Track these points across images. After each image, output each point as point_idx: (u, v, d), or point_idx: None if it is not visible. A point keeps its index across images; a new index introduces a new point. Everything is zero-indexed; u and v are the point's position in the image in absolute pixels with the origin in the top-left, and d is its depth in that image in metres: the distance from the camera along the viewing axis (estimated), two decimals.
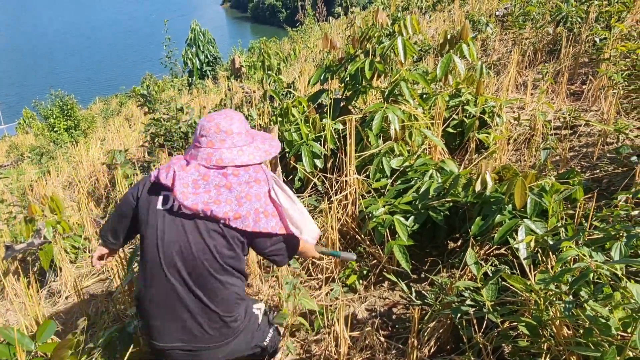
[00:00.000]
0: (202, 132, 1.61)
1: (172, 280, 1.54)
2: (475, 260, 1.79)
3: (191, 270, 1.54)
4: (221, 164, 1.57)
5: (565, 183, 2.32)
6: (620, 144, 3.04)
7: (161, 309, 1.57)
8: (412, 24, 3.10)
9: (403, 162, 2.99)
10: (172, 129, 5.20)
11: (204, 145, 1.60)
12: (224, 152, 1.58)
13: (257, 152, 1.66)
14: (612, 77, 3.25)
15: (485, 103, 3.54)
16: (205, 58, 14.67)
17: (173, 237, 1.54)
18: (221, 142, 1.60)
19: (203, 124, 1.63)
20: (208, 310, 1.57)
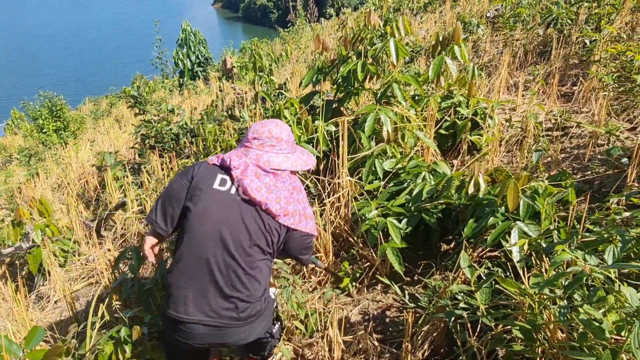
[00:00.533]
0: (255, 134, 1.77)
1: (214, 255, 1.62)
2: (468, 264, 1.78)
3: (234, 250, 1.62)
4: (268, 167, 1.71)
5: (558, 185, 2.33)
6: (611, 146, 3.06)
7: (193, 281, 1.63)
8: (404, 25, 3.09)
9: (396, 164, 2.98)
10: (163, 131, 5.15)
11: (254, 146, 1.76)
12: (272, 156, 1.73)
13: (299, 161, 1.81)
14: (603, 79, 3.27)
15: (477, 105, 3.54)
16: (197, 59, 14.58)
17: (225, 216, 1.64)
18: (271, 147, 1.75)
19: (256, 128, 1.78)
20: (241, 288, 1.64)
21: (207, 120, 4.76)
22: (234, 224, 1.64)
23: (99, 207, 5.05)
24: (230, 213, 1.65)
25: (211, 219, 1.63)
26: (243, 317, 1.66)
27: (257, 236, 1.65)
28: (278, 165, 1.73)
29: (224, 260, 1.62)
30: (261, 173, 1.70)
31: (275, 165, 1.72)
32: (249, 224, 1.64)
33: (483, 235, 2.30)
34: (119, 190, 4.76)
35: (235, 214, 1.65)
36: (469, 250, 2.33)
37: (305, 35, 16.22)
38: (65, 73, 42.44)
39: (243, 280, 1.64)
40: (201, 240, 1.63)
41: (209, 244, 1.62)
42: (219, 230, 1.62)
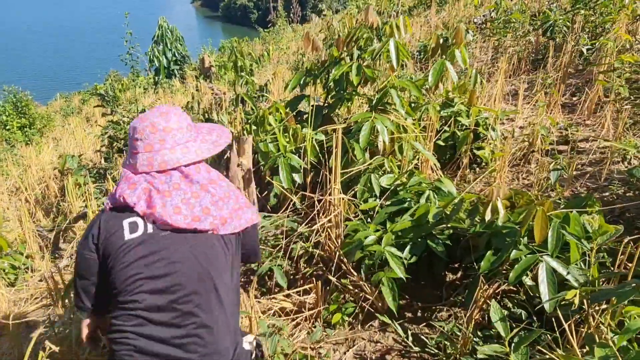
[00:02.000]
0: (136, 135, 1.37)
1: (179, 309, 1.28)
2: (500, 316, 1.45)
3: (192, 292, 1.29)
4: (165, 167, 1.35)
5: (582, 211, 2.04)
6: (628, 163, 2.80)
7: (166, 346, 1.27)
8: (404, 24, 2.77)
9: (394, 180, 2.65)
10: None
11: (140, 150, 1.36)
12: (166, 154, 1.35)
13: (204, 145, 1.44)
14: (618, 90, 3.02)
15: (478, 114, 3.25)
16: (173, 56, 14.00)
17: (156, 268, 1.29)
18: (161, 143, 1.36)
19: (135, 126, 1.38)
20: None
21: None
22: (183, 267, 1.29)
23: (59, 215, 4.57)
24: (172, 256, 1.30)
25: (154, 276, 1.28)
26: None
27: (216, 265, 1.33)
28: (177, 162, 1.35)
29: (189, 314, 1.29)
30: (168, 187, 1.34)
31: (174, 162, 1.35)
32: (185, 260, 1.30)
33: (501, 269, 1.99)
34: (80, 198, 4.30)
35: (167, 254, 1.30)
36: (483, 286, 2.00)
37: (287, 36, 15.87)
38: (38, 68, 40.87)
39: (212, 325, 1.32)
40: (156, 307, 1.27)
41: (170, 303, 1.28)
42: (172, 283, 1.28)
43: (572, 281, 1.73)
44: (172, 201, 1.32)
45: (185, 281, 1.29)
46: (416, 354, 2.03)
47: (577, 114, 3.74)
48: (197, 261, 1.31)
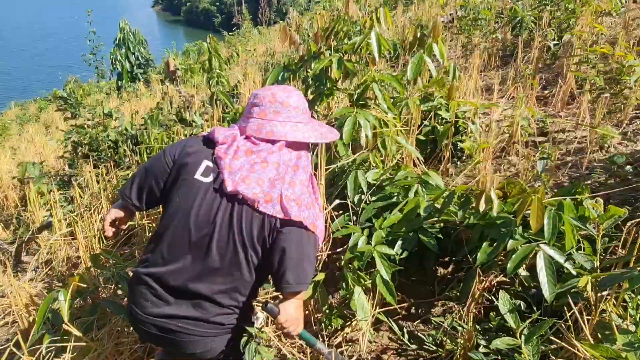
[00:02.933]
0: (256, 100, 1.46)
1: (194, 259, 1.36)
2: (510, 307, 1.40)
3: (216, 252, 1.35)
4: (272, 137, 1.39)
5: (575, 198, 2.03)
6: (606, 151, 2.84)
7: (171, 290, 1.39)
8: (385, 16, 2.72)
9: (380, 175, 2.59)
10: (98, 138, 4.47)
11: (255, 115, 1.44)
12: (276, 125, 1.41)
13: (314, 132, 1.47)
14: (593, 81, 3.07)
15: (458, 108, 3.24)
16: (136, 60, 13.59)
17: (207, 215, 1.35)
18: (275, 114, 1.43)
19: (258, 92, 1.48)
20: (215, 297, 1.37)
21: (151, 125, 4.16)
22: (217, 226, 1.34)
23: (20, 227, 4.29)
24: (212, 213, 1.35)
25: (195, 221, 1.35)
26: (206, 329, 1.41)
27: (244, 237, 1.34)
28: (284, 136, 1.39)
29: (204, 267, 1.37)
30: (253, 148, 1.38)
31: (281, 135, 1.39)
32: (238, 224, 1.33)
33: (496, 260, 1.95)
34: (44, 207, 4.04)
35: (216, 214, 1.35)
36: (479, 278, 1.96)
37: (253, 38, 15.70)
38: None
39: (220, 289, 1.38)
40: (182, 246, 1.37)
41: (192, 250, 1.37)
42: (201, 236, 1.35)
43: (571, 269, 1.71)
44: (241, 161, 1.35)
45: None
46: (413, 352, 1.97)
47: (550, 106, 3.80)
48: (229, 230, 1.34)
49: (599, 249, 1.52)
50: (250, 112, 1.46)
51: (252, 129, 1.41)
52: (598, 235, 1.49)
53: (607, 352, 1.04)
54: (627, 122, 3.13)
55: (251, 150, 1.38)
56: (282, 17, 40.23)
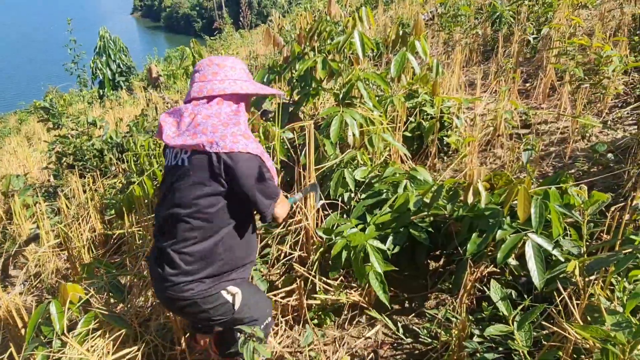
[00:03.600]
0: (196, 67, 1.60)
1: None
2: (501, 295, 1.43)
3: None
4: (212, 94, 1.52)
5: (560, 187, 2.07)
6: (587, 141, 2.90)
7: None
8: (367, 16, 2.74)
9: (368, 172, 2.61)
10: (83, 147, 4.43)
11: (196, 80, 1.57)
12: (215, 84, 1.53)
13: (253, 85, 1.60)
14: (573, 72, 3.13)
15: (442, 103, 3.28)
16: (118, 68, 13.45)
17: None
18: (213, 75, 1.55)
19: (200, 62, 1.62)
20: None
21: (137, 132, 4.13)
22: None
23: (5, 241, 4.22)
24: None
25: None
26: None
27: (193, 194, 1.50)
28: (223, 90, 1.52)
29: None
30: (190, 108, 1.54)
31: (219, 90, 1.52)
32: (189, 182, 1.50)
33: (486, 251, 1.98)
34: (30, 219, 3.99)
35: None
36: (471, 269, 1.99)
37: (235, 42, 15.64)
38: None
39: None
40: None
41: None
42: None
43: (559, 255, 1.75)
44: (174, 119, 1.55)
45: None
46: (409, 345, 1.99)
47: (532, 99, 3.87)
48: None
49: (585, 235, 1.55)
50: (193, 78, 1.59)
51: (195, 92, 1.53)
52: (583, 221, 1.53)
53: (596, 332, 1.07)
54: (606, 112, 3.20)
55: (187, 110, 1.52)
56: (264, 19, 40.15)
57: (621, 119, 3.08)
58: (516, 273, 1.97)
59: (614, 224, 1.48)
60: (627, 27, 4.15)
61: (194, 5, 64.48)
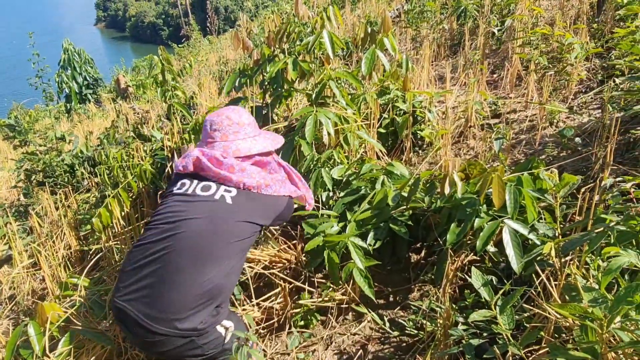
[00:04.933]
0: (214, 126, 1.72)
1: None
2: (482, 282, 1.46)
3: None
4: (239, 155, 1.68)
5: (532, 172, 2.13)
6: (555, 126, 2.99)
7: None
8: (335, 15, 2.76)
9: (345, 170, 2.62)
10: (52, 163, 4.31)
11: (217, 139, 1.71)
12: (239, 143, 1.70)
13: (267, 141, 1.83)
14: (537, 61, 3.22)
15: (414, 98, 3.32)
16: (84, 80, 13.14)
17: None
18: (235, 134, 1.72)
19: (213, 119, 1.74)
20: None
21: (108, 144, 4.04)
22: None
23: None
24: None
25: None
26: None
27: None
28: (249, 151, 1.70)
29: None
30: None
31: (246, 151, 1.69)
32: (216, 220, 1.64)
33: (465, 240, 2.02)
34: (1, 241, 3.86)
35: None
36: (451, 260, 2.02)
37: (203, 48, 15.51)
38: None
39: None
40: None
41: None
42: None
43: (535, 239, 1.79)
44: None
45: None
46: (396, 338, 2.01)
47: (500, 89, 3.95)
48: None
49: (559, 217, 1.60)
50: (213, 137, 1.72)
51: (219, 151, 1.68)
52: (556, 204, 1.57)
53: (575, 309, 1.11)
54: (571, 97, 3.30)
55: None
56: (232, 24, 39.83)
57: (586, 103, 3.18)
58: (495, 260, 2.01)
59: (585, 205, 1.53)
60: (585, 15, 4.29)
61: (160, 14, 63.63)
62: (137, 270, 1.47)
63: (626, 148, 2.47)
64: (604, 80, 3.30)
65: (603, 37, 3.72)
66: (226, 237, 1.53)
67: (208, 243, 1.48)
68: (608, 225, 1.27)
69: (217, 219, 1.54)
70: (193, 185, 1.65)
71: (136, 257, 1.50)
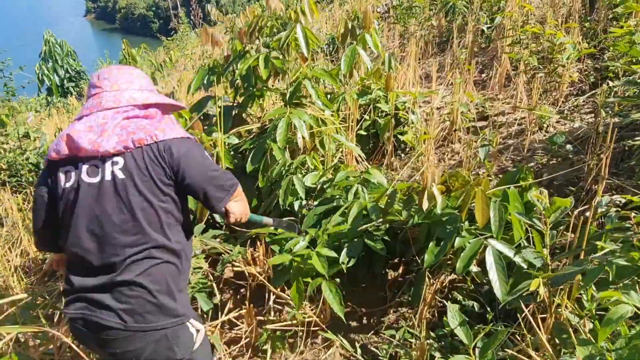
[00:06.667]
0: (103, 76, 1.38)
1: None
2: (460, 320, 1.27)
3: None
4: (134, 103, 1.33)
5: (518, 186, 1.95)
6: (545, 132, 2.81)
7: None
8: (310, 8, 2.55)
9: (319, 177, 2.42)
10: (17, 161, 4.06)
11: (107, 88, 1.36)
12: (134, 92, 1.37)
13: (166, 98, 1.44)
14: (527, 61, 3.03)
15: (397, 99, 3.13)
16: (66, 73, 12.77)
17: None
18: (128, 83, 1.39)
19: (100, 71, 1.42)
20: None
21: None
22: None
23: None
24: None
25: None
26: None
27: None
28: (146, 99, 1.36)
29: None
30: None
31: (143, 99, 1.36)
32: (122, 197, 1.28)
33: (444, 259, 1.83)
34: None
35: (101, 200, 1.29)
36: (429, 282, 1.83)
37: (191, 42, 15.20)
38: None
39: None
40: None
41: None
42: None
43: (521, 262, 1.61)
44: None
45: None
46: None
47: (489, 89, 3.78)
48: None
49: (548, 243, 1.41)
50: (101, 86, 1.37)
51: (110, 102, 1.36)
52: (546, 230, 1.39)
53: None
54: (562, 100, 3.13)
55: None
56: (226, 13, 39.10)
57: (577, 107, 3.01)
58: (478, 280, 1.82)
59: (579, 224, 1.35)
60: (577, 13, 4.12)
61: (150, 6, 62.72)
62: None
63: (620, 157, 2.30)
64: (597, 82, 3.13)
65: (596, 37, 3.55)
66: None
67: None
68: (605, 258, 1.09)
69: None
70: (74, 174, 1.29)
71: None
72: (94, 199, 1.25)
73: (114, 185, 1.25)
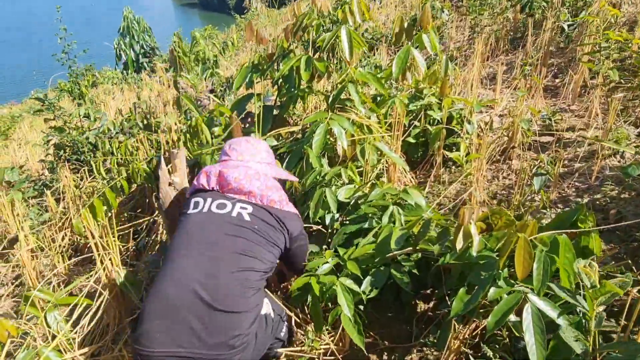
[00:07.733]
0: (233, 145, 1.83)
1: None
2: None
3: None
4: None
5: (574, 226, 1.69)
6: (620, 157, 2.46)
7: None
8: (359, 8, 2.36)
9: (354, 192, 2.27)
10: (77, 140, 4.24)
11: (233, 157, 1.78)
12: (256, 165, 1.77)
13: (281, 171, 1.92)
14: (607, 74, 2.65)
15: (451, 106, 2.88)
16: (141, 49, 13.33)
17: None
18: (252, 156, 1.80)
19: (232, 140, 1.87)
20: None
21: (126, 126, 3.90)
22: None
23: None
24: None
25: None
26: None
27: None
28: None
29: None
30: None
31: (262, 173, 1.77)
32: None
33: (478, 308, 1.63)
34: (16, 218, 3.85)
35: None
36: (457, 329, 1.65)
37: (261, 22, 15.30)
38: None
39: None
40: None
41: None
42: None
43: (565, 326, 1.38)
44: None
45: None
46: None
47: (561, 98, 3.39)
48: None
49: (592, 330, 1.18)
50: (229, 154, 1.83)
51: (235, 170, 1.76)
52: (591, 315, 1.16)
53: None
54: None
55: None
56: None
57: None
58: (516, 333, 1.61)
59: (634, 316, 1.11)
60: None
61: None
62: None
63: None
64: None
65: None
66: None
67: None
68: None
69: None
70: (207, 203, 1.63)
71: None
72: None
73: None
